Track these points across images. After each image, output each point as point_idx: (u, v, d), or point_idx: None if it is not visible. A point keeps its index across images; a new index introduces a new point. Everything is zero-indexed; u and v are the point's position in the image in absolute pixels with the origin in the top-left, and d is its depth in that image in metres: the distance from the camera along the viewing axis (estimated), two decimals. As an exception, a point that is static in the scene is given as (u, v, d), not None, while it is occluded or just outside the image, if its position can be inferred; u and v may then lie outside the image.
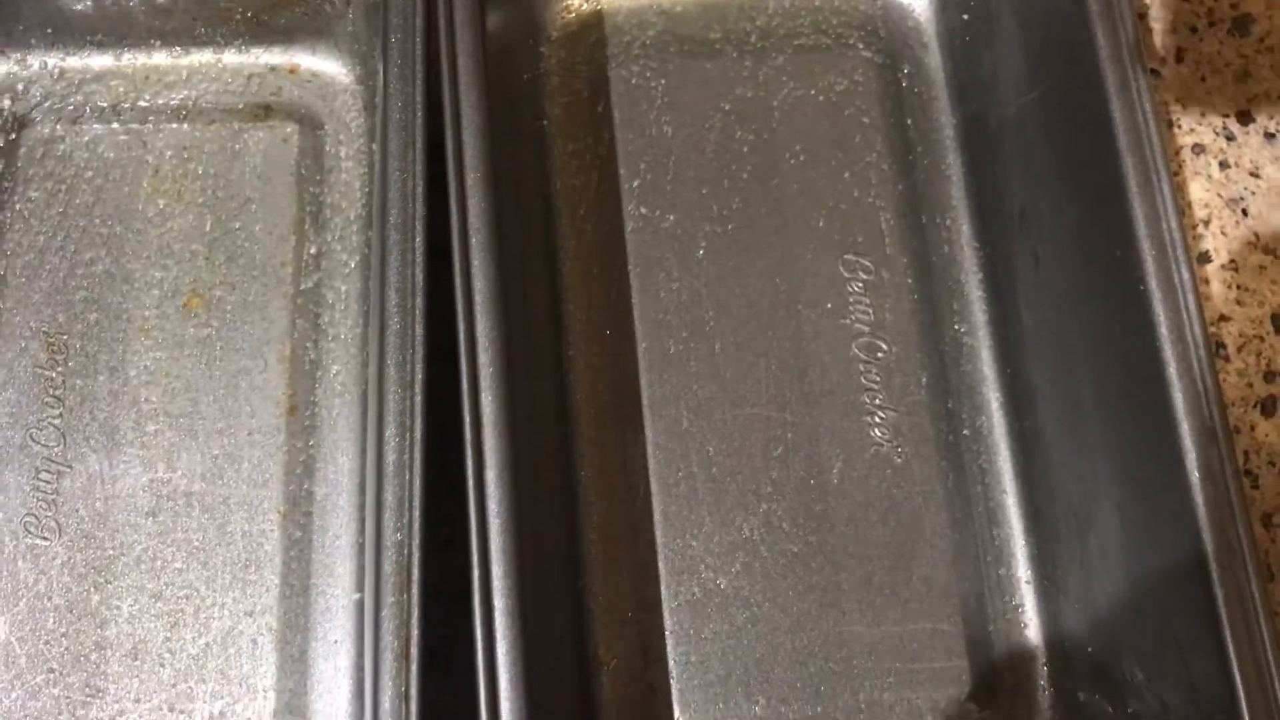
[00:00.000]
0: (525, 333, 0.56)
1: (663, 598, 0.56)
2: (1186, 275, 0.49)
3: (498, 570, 0.45)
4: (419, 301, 0.47)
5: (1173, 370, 0.49)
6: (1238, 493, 0.47)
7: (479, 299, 0.48)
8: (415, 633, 0.43)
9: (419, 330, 0.47)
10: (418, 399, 0.46)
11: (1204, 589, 0.48)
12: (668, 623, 0.55)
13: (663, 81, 0.63)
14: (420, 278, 0.47)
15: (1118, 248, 0.51)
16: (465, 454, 0.45)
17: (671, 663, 0.55)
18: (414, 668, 0.42)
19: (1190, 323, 0.49)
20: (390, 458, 0.45)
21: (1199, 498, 0.47)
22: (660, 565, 0.56)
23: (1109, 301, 0.52)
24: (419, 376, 0.46)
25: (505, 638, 0.45)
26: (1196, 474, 0.47)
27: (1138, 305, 0.50)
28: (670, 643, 0.55)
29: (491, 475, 0.46)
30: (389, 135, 0.49)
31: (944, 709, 0.55)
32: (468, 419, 0.45)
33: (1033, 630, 0.56)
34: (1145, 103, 0.51)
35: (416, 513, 0.44)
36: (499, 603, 0.45)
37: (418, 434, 0.45)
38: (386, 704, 0.43)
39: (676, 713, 0.54)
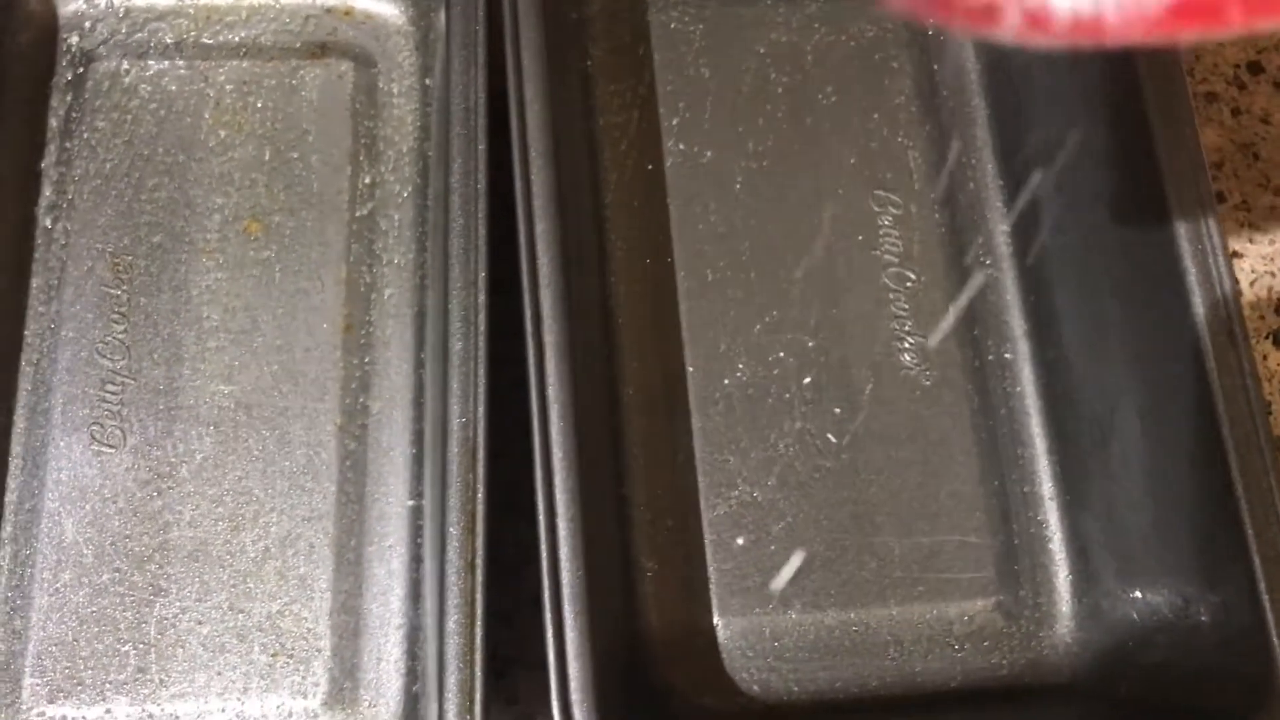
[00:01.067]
0: (574, 258, 0.59)
1: (701, 509, 0.58)
2: (1205, 191, 0.52)
3: (559, 466, 0.48)
4: (482, 205, 0.49)
5: (1193, 277, 0.51)
6: (1256, 392, 0.50)
7: (537, 204, 0.50)
8: (480, 508, 0.45)
9: (482, 231, 0.49)
10: (480, 294, 0.48)
11: (1225, 487, 0.50)
12: (706, 533, 0.58)
13: (700, 27, 0.66)
14: (483, 183, 0.50)
15: (1142, 171, 0.54)
16: (527, 346, 0.48)
17: (710, 570, 0.57)
18: (479, 541, 0.45)
19: (1209, 234, 0.51)
20: (456, 347, 0.47)
21: (1219, 398, 0.50)
22: (699, 478, 0.58)
23: (1131, 222, 0.55)
24: (482, 271, 0.48)
25: (567, 540, 0.48)
26: (1215, 372, 0.50)
27: (1159, 222, 0.53)
28: (709, 551, 0.57)
29: (551, 367, 0.48)
30: (451, 59, 0.52)
31: (971, 617, 0.57)
32: (528, 311, 0.48)
33: (1056, 544, 0.59)
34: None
35: (482, 396, 0.47)
36: (561, 499, 0.48)
37: (481, 325, 0.48)
38: (452, 573, 0.45)
39: (715, 617, 0.57)
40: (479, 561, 0.44)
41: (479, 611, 0.44)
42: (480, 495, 0.45)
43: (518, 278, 0.52)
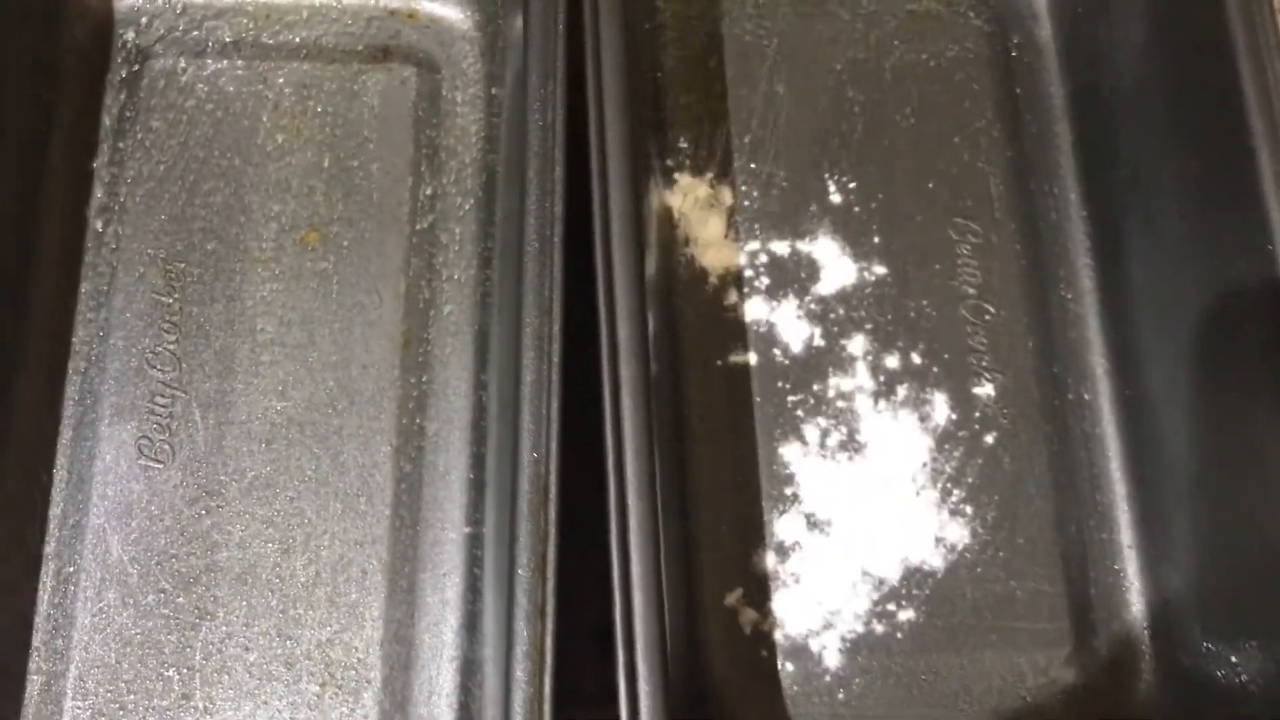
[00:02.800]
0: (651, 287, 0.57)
1: (766, 546, 0.56)
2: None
3: (634, 503, 0.46)
4: (558, 230, 0.47)
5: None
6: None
7: (616, 230, 0.48)
8: (552, 551, 0.43)
9: (557, 257, 0.47)
10: (555, 325, 0.46)
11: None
12: (770, 571, 0.56)
13: (775, 40, 0.64)
14: (560, 207, 0.48)
15: (1242, 208, 0.51)
16: (604, 389, 0.46)
17: (774, 610, 0.55)
18: (549, 585, 0.43)
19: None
20: (528, 378, 0.45)
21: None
22: (764, 514, 0.56)
23: (1228, 261, 0.52)
24: (557, 302, 0.46)
25: (642, 582, 0.46)
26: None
27: (1260, 267, 0.50)
28: (773, 589, 0.55)
29: (628, 404, 0.46)
30: (529, 70, 0.49)
31: (1044, 668, 0.55)
32: (605, 346, 0.46)
33: (1135, 595, 0.57)
34: (1274, 62, 0.51)
35: (554, 432, 0.44)
36: (635, 542, 0.46)
37: (555, 357, 0.46)
38: (521, 619, 0.43)
39: (780, 660, 0.54)
40: (549, 608, 0.42)
41: (548, 661, 0.42)
42: (552, 536, 0.43)
43: (590, 303, 0.50)
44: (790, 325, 0.59)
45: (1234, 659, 0.52)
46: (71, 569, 0.54)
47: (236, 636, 0.53)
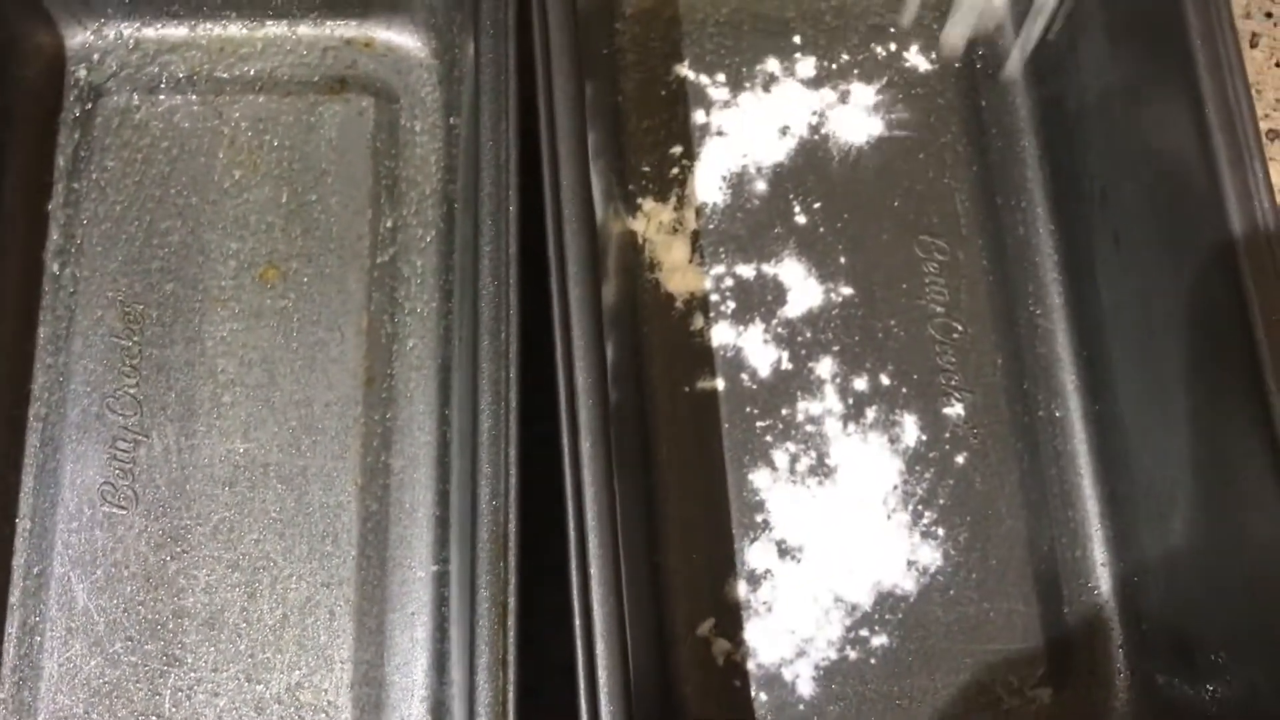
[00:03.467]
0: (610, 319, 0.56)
1: (738, 575, 0.55)
2: (1275, 235, 0.49)
3: (594, 541, 0.45)
4: (514, 271, 0.47)
5: (1265, 349, 0.48)
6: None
7: (572, 271, 0.47)
8: (512, 600, 0.43)
9: (513, 298, 0.46)
10: (512, 369, 0.46)
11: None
12: (742, 601, 0.55)
13: (736, 59, 0.63)
14: (514, 247, 0.47)
15: (1209, 227, 0.51)
16: (561, 426, 0.45)
17: (747, 640, 0.55)
18: (511, 635, 0.42)
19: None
20: (485, 424, 0.45)
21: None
22: (734, 543, 0.56)
23: (1197, 279, 0.52)
24: (514, 345, 0.46)
25: (603, 615, 0.45)
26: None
27: (1229, 283, 0.50)
28: (745, 619, 0.55)
29: (586, 445, 0.46)
30: (481, 105, 0.49)
31: (1019, 690, 0.55)
32: (563, 390, 0.45)
33: (1109, 612, 0.56)
34: (1237, 80, 0.51)
35: (513, 481, 0.44)
36: (596, 573, 0.45)
37: (513, 402, 0.45)
38: (483, 670, 0.42)
39: (753, 690, 0.54)
40: (510, 659, 0.42)
41: (511, 712, 0.42)
42: (512, 585, 0.43)
43: (547, 328, 0.49)
44: (757, 349, 0.59)
45: (1207, 679, 0.52)
46: (37, 619, 0.53)
47: (205, 682, 0.53)
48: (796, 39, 0.63)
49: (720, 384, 0.58)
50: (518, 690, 0.42)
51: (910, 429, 0.58)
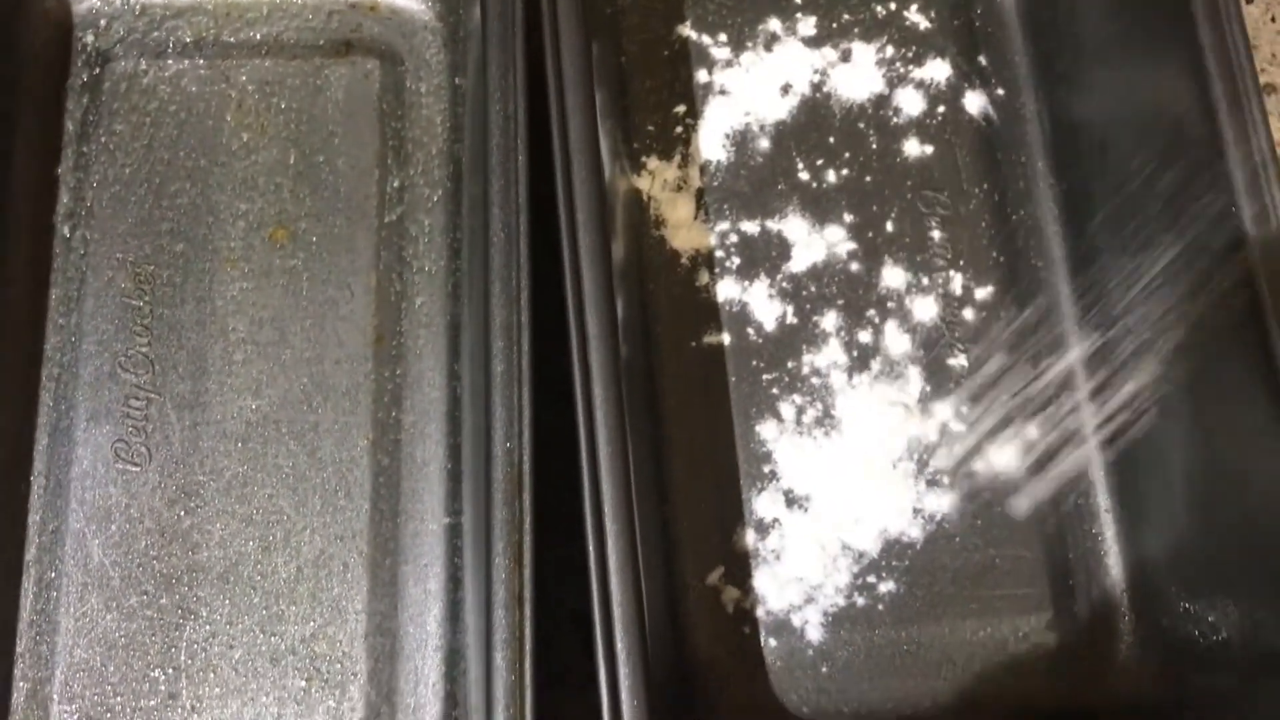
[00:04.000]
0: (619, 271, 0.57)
1: (746, 524, 0.56)
2: (1278, 193, 0.50)
3: (607, 488, 0.46)
4: (523, 220, 0.47)
5: (1265, 292, 0.49)
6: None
7: (581, 218, 0.48)
8: (528, 538, 0.43)
9: (524, 247, 0.47)
10: (524, 314, 0.46)
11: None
12: (750, 548, 0.56)
13: (738, 19, 0.64)
14: (524, 197, 0.48)
15: (1208, 173, 0.51)
16: (573, 375, 0.46)
17: (756, 587, 0.55)
18: (527, 573, 0.43)
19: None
20: (499, 368, 0.45)
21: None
22: (742, 493, 0.56)
23: (1198, 226, 0.52)
24: (524, 291, 0.46)
25: (617, 563, 0.46)
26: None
27: (1229, 229, 0.51)
28: (754, 567, 0.56)
29: (599, 390, 0.46)
30: (489, 60, 0.49)
31: (1025, 634, 0.56)
32: (574, 331, 0.46)
33: (1113, 559, 0.57)
34: (1235, 28, 0.51)
35: (527, 422, 0.45)
36: (610, 523, 0.46)
37: (525, 345, 0.46)
38: (500, 607, 0.43)
39: (762, 637, 0.55)
40: (527, 595, 0.43)
41: (528, 647, 0.42)
42: (528, 524, 0.44)
43: (557, 286, 0.50)
44: (763, 304, 0.59)
45: (1211, 618, 0.52)
46: (53, 574, 0.54)
47: (221, 635, 0.53)
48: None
49: (726, 338, 0.59)
50: (534, 627, 0.43)
51: (914, 380, 0.58)
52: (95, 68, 0.61)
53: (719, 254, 0.60)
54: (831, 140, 0.62)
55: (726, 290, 0.59)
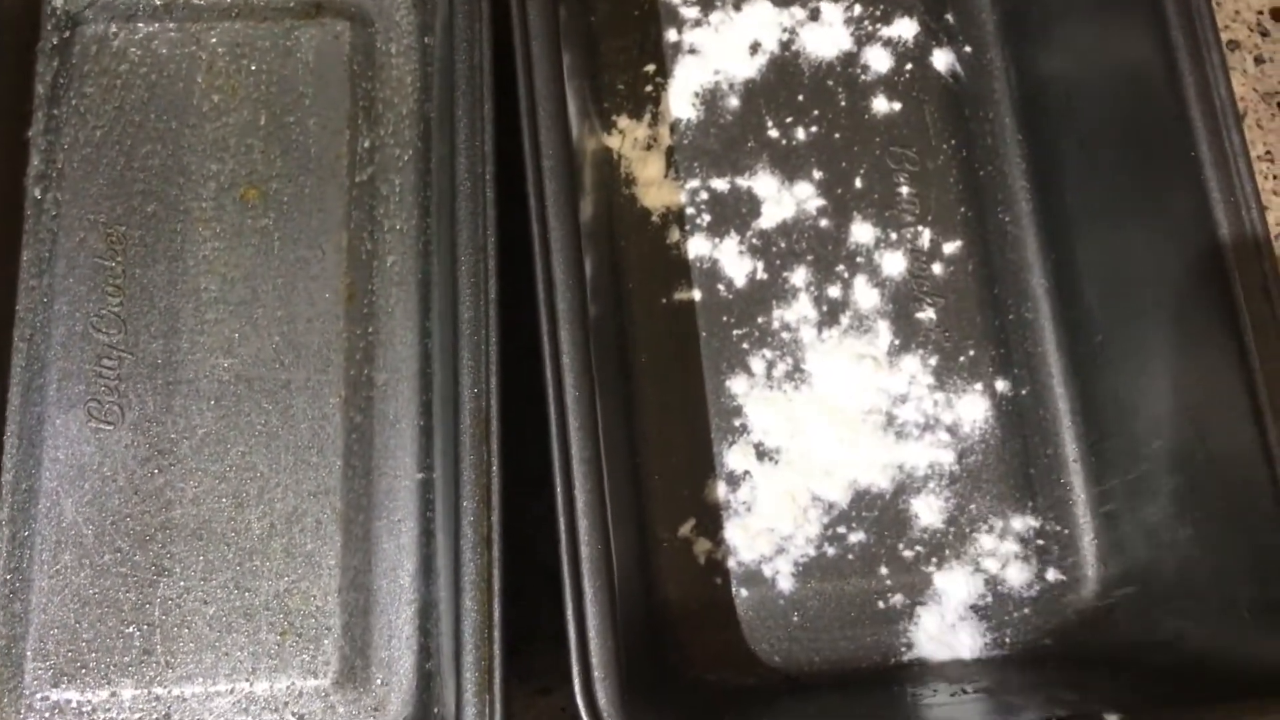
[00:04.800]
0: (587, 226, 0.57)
1: (717, 476, 0.56)
2: (1237, 139, 0.50)
3: (575, 437, 0.46)
4: (489, 169, 0.47)
5: (1227, 240, 0.49)
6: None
7: (547, 166, 0.48)
8: (495, 483, 0.43)
9: (489, 194, 0.47)
10: (490, 261, 0.46)
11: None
12: (721, 501, 0.56)
13: (707, -20, 0.64)
14: (489, 146, 0.48)
15: (1171, 123, 0.52)
16: (540, 315, 0.46)
17: (727, 539, 0.56)
18: (495, 515, 0.43)
19: (1242, 185, 0.50)
20: (466, 315, 0.46)
21: (1257, 371, 0.48)
22: (713, 445, 0.57)
23: (1161, 177, 0.53)
24: (490, 240, 0.47)
25: (585, 513, 0.46)
26: (1252, 334, 0.48)
27: (1192, 178, 0.51)
28: (725, 519, 0.56)
29: (565, 336, 0.47)
30: (455, 19, 0.50)
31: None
32: (540, 279, 0.46)
33: (1081, 508, 0.57)
34: (1195, -23, 0.52)
35: (494, 367, 0.45)
36: (578, 471, 0.46)
37: (491, 294, 0.46)
38: (468, 549, 0.43)
39: (733, 588, 0.55)
40: (495, 536, 0.43)
41: (496, 587, 0.43)
42: (495, 467, 0.44)
43: (525, 244, 0.50)
44: (733, 260, 0.60)
45: (1168, 546, 0.53)
46: (26, 533, 0.54)
47: (194, 591, 0.54)
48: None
49: (697, 294, 0.59)
50: (502, 571, 0.43)
51: (883, 334, 0.59)
52: (65, 31, 0.61)
53: (689, 211, 0.60)
54: (800, 98, 0.62)
55: (697, 247, 0.60)
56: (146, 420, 0.55)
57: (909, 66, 0.63)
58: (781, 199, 0.60)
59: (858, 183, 0.61)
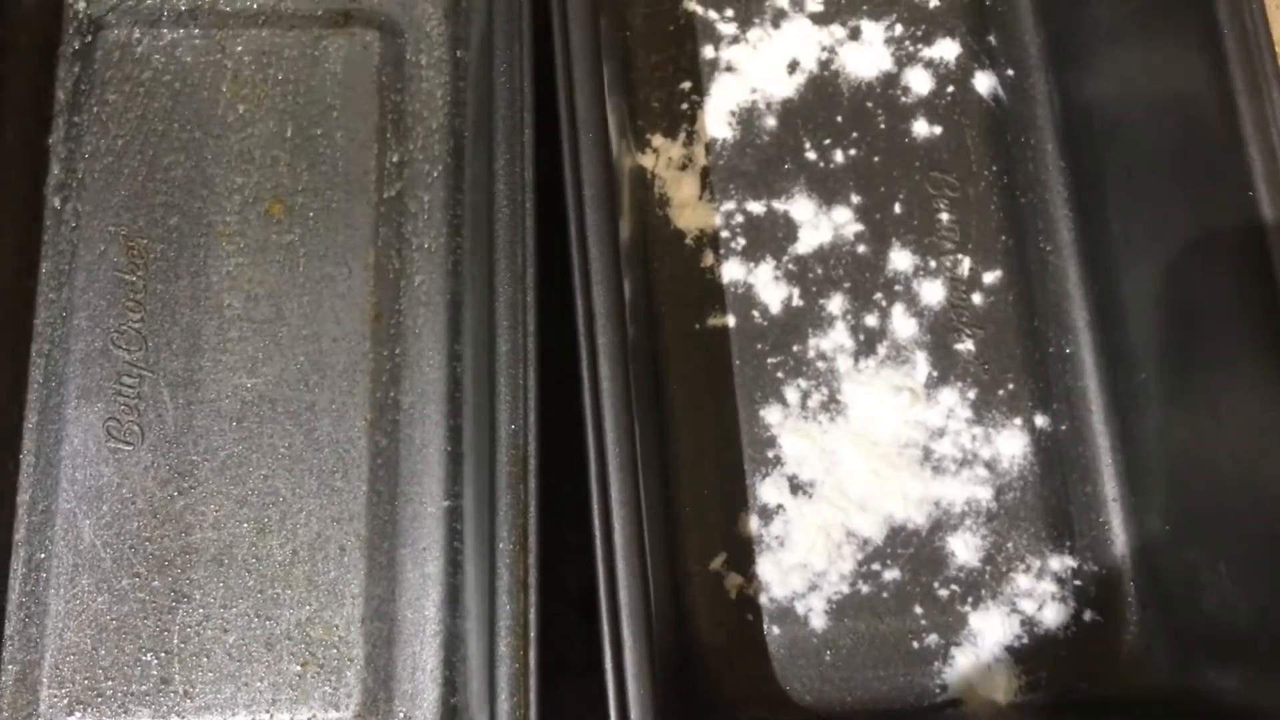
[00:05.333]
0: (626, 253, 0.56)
1: (750, 509, 0.55)
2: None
3: (614, 472, 0.45)
4: (529, 196, 0.46)
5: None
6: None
7: (589, 194, 0.47)
8: (533, 522, 0.42)
9: (529, 224, 0.46)
10: (529, 293, 0.45)
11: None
12: (754, 535, 0.55)
13: (745, -4, 0.62)
14: (529, 172, 0.46)
15: (1225, 157, 0.50)
16: (580, 354, 0.45)
17: (759, 574, 0.54)
18: (531, 557, 0.42)
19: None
20: (503, 349, 0.44)
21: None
22: (746, 478, 0.56)
23: (1213, 210, 0.52)
24: (530, 269, 0.45)
25: (624, 550, 0.45)
26: None
27: (1246, 212, 0.50)
28: (758, 553, 0.55)
29: (605, 370, 0.45)
30: (494, 32, 0.48)
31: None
32: (580, 311, 0.45)
33: (1120, 548, 0.56)
34: (1254, 8, 0.51)
35: (532, 404, 0.44)
36: (617, 508, 0.45)
37: (530, 325, 0.45)
38: (504, 592, 0.42)
39: (766, 625, 0.54)
40: (532, 581, 0.42)
41: (532, 635, 0.42)
42: (533, 509, 0.43)
43: (560, 265, 0.49)
44: (768, 286, 0.58)
45: (1219, 606, 0.52)
46: (43, 555, 0.53)
47: (214, 618, 0.52)
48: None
49: (731, 320, 0.58)
50: (539, 614, 0.42)
51: (921, 365, 0.58)
52: (87, 35, 0.59)
53: (724, 234, 0.59)
54: (839, 119, 0.61)
55: (731, 271, 0.58)
56: (167, 441, 0.54)
57: (950, 89, 0.61)
58: (819, 223, 0.59)
59: (897, 208, 0.59)
